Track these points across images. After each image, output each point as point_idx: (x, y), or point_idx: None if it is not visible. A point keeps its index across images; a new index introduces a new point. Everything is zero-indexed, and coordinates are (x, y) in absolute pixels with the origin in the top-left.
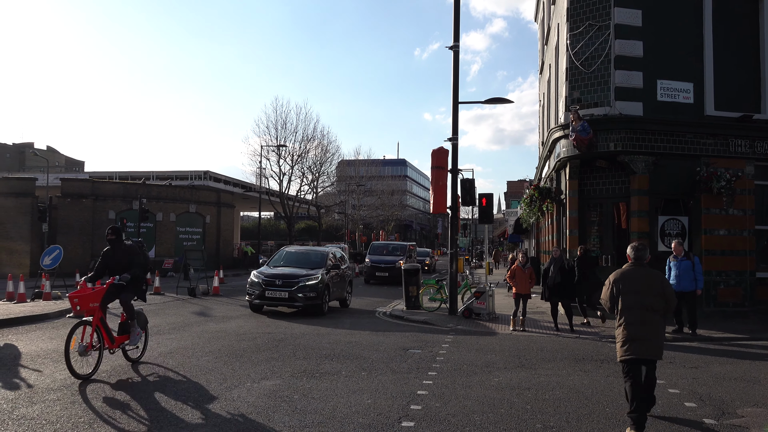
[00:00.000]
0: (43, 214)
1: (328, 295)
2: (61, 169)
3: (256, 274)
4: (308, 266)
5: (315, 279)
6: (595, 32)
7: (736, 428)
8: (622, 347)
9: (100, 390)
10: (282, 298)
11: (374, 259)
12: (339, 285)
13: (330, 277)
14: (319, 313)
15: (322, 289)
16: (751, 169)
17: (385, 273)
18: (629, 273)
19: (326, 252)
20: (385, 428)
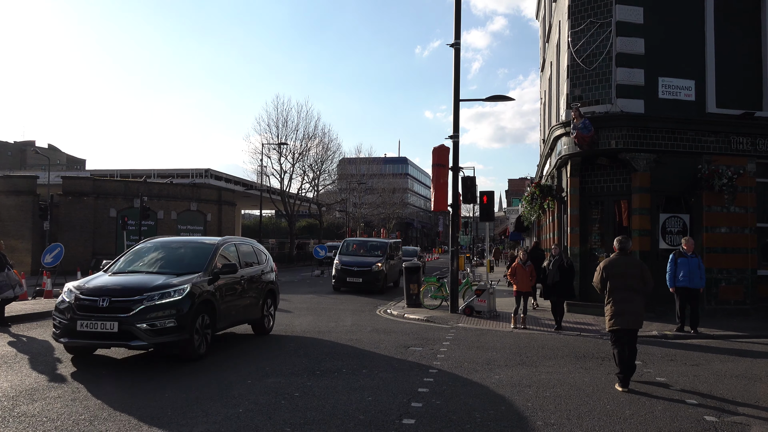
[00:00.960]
0: (44, 212)
1: (214, 320)
2: (63, 167)
3: (69, 289)
4: (173, 270)
5: (175, 295)
6: (597, 29)
7: (737, 425)
8: (610, 320)
9: (101, 388)
10: (106, 333)
11: (346, 260)
12: (245, 298)
13: (219, 287)
14: (188, 357)
15: (189, 312)
16: (752, 166)
17: (358, 278)
18: (615, 261)
19: (214, 245)
20: (386, 425)
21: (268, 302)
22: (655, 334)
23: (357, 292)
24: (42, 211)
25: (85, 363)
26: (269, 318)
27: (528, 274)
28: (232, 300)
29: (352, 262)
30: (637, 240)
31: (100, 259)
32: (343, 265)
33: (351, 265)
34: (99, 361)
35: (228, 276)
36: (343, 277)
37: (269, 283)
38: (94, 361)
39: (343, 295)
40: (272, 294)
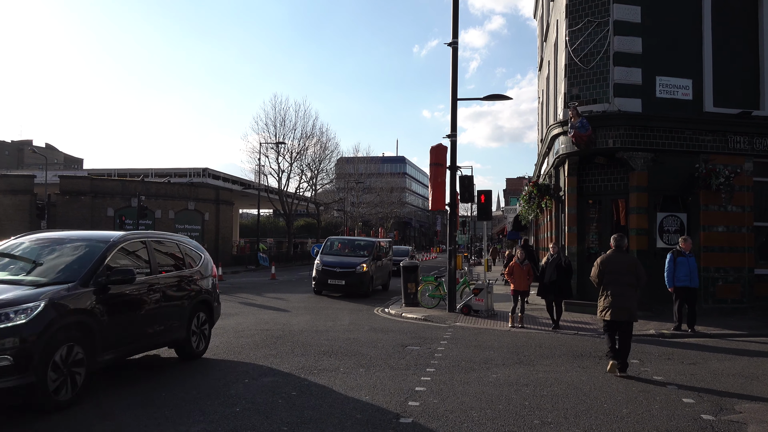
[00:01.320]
0: (41, 212)
1: (92, 350)
2: (60, 166)
3: None
4: (40, 278)
5: (16, 318)
6: (594, 29)
7: (734, 424)
8: (603, 312)
9: (97, 390)
10: None
11: (328, 260)
12: (160, 314)
13: (106, 301)
14: (39, 407)
15: (39, 342)
16: (750, 165)
17: (340, 281)
18: (611, 257)
19: (107, 243)
20: (383, 424)
21: (199, 317)
22: (653, 333)
23: (342, 295)
24: (39, 211)
25: None
26: (200, 337)
27: (525, 273)
28: (132, 318)
29: (335, 262)
30: (635, 239)
31: None
32: (325, 265)
33: (333, 266)
34: None
35: (125, 286)
36: (324, 279)
37: (202, 293)
38: None
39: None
40: (206, 306)
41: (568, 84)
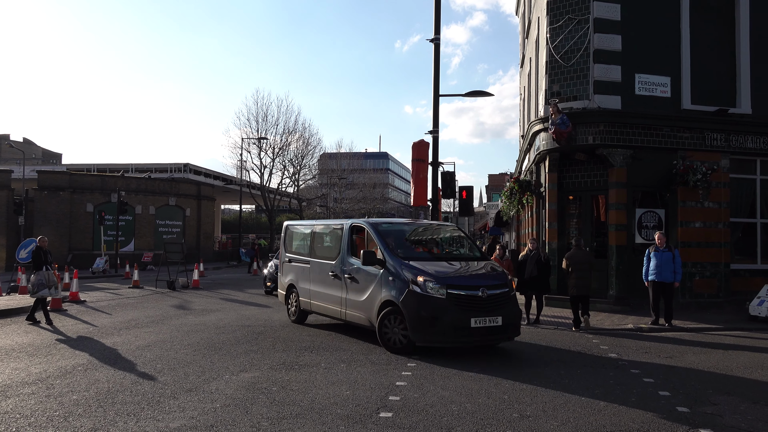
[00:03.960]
0: (19, 207)
1: None
2: (38, 161)
3: None
4: None
5: None
6: (575, 26)
7: (709, 416)
8: (571, 289)
9: (75, 384)
10: None
11: None
12: None
13: None
14: None
15: None
16: (726, 162)
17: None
18: (574, 253)
19: None
20: (364, 419)
21: None
22: (631, 327)
23: None
24: (17, 206)
25: (58, 361)
26: None
27: (506, 268)
28: None
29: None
30: (614, 234)
31: (77, 255)
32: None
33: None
34: (73, 359)
35: None
36: None
37: None
38: (67, 358)
39: None
40: None
41: (549, 81)
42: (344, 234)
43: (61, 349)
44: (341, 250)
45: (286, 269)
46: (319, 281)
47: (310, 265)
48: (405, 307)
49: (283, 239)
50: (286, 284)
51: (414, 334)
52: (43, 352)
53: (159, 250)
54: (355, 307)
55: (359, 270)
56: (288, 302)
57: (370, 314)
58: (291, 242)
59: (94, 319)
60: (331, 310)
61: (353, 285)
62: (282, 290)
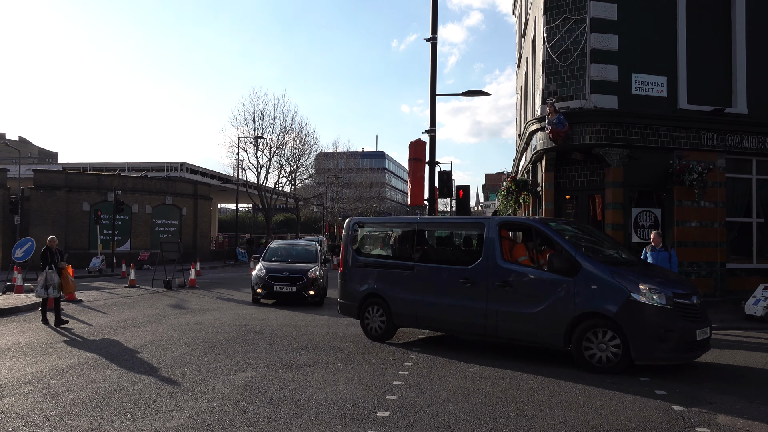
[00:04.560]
0: (15, 206)
1: None
2: (34, 160)
3: None
4: None
5: None
6: (572, 26)
7: (705, 414)
8: None
9: (72, 383)
10: None
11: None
12: None
13: None
14: None
15: None
16: (722, 162)
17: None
18: None
19: None
20: (360, 418)
21: None
22: None
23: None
24: (12, 205)
25: (54, 360)
26: None
27: None
28: None
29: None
30: (611, 234)
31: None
32: (270, 271)
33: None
34: (69, 358)
35: None
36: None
37: None
38: (63, 357)
39: None
40: None
41: (546, 80)
42: (489, 234)
43: (57, 349)
44: (485, 253)
45: (360, 275)
46: (433, 289)
47: (415, 270)
48: (623, 321)
49: (349, 239)
50: (361, 294)
51: (637, 351)
52: (39, 352)
53: (155, 250)
54: (517, 320)
55: (524, 276)
56: (366, 316)
57: (550, 329)
58: (365, 243)
59: (91, 318)
60: (461, 323)
61: (510, 294)
62: (351, 301)
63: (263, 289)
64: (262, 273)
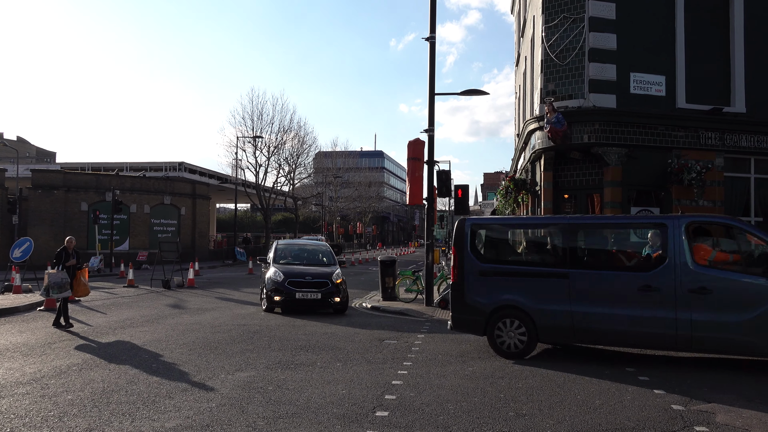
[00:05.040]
0: (12, 206)
1: None
2: (32, 160)
3: None
4: None
5: None
6: (570, 25)
7: (703, 414)
8: None
9: (71, 383)
10: None
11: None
12: None
13: None
14: None
15: None
16: (720, 161)
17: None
18: None
19: None
20: (359, 418)
21: None
22: None
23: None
24: (10, 205)
25: (53, 360)
26: None
27: None
28: None
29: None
30: None
31: None
32: (289, 276)
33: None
34: (67, 359)
35: None
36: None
37: None
38: (62, 358)
39: None
40: None
41: (545, 80)
42: (675, 234)
43: (55, 349)
44: (671, 256)
45: (486, 285)
46: (598, 299)
47: (569, 277)
48: None
49: (465, 243)
50: (489, 306)
51: None
52: (37, 352)
53: (154, 249)
54: (721, 330)
55: (729, 280)
56: (498, 331)
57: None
58: (489, 248)
59: (89, 318)
60: (640, 335)
61: (709, 301)
62: (472, 315)
63: (283, 295)
64: (279, 277)
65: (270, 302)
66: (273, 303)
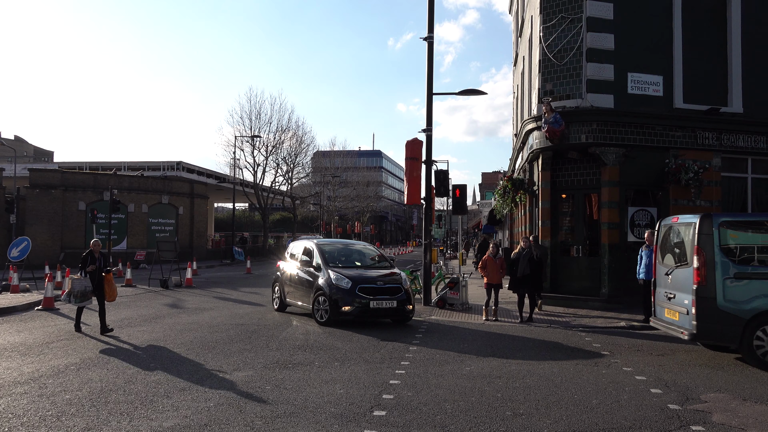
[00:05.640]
0: (10, 205)
1: None
2: (30, 159)
3: None
4: None
5: None
6: (568, 25)
7: (700, 413)
8: None
9: (68, 383)
10: None
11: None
12: None
13: None
14: None
15: None
16: (717, 161)
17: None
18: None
19: None
20: (357, 417)
21: None
22: (623, 326)
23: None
24: (8, 204)
25: (50, 360)
26: None
27: (498, 267)
28: None
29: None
30: (607, 233)
31: (69, 254)
32: (357, 281)
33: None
34: (65, 358)
35: None
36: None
37: None
38: (59, 357)
39: None
40: None
41: (542, 80)
42: None
43: (53, 349)
44: None
45: (746, 289)
46: None
47: None
48: None
49: (716, 244)
50: (749, 313)
51: None
52: (35, 352)
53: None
54: None
55: None
56: (756, 341)
57: None
58: (746, 247)
59: (87, 318)
60: None
61: None
62: (725, 324)
63: (353, 305)
64: (345, 283)
65: (334, 313)
66: (339, 314)
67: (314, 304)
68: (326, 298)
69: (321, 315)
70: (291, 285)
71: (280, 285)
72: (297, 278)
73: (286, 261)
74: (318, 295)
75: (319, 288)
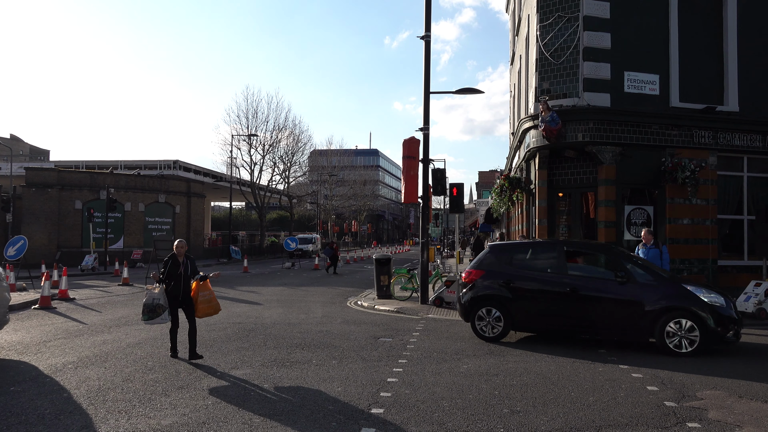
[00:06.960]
0: (6, 204)
1: None
2: (26, 158)
3: None
4: None
5: None
6: (565, 24)
7: (695, 410)
8: None
9: (67, 382)
10: None
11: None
12: None
13: None
14: None
15: None
16: (714, 159)
17: None
18: None
19: None
20: (355, 415)
21: None
22: None
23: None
24: (4, 203)
25: (48, 358)
26: None
27: None
28: None
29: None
30: (603, 231)
31: (66, 253)
32: None
33: None
34: (63, 357)
35: None
36: None
37: None
38: (57, 356)
39: (313, 287)
40: None
41: (539, 78)
42: None
43: (51, 347)
44: None
45: None
46: None
47: None
48: None
49: None
50: None
51: None
52: (32, 350)
53: (148, 248)
54: None
55: None
56: None
57: None
58: None
59: (84, 316)
60: None
61: None
62: None
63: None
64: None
65: None
66: None
67: None
68: None
69: None
70: None
71: None
72: None
73: None
74: None
75: None
